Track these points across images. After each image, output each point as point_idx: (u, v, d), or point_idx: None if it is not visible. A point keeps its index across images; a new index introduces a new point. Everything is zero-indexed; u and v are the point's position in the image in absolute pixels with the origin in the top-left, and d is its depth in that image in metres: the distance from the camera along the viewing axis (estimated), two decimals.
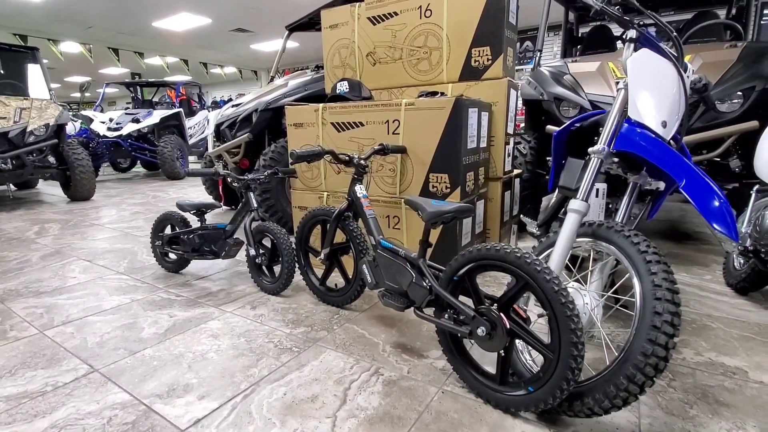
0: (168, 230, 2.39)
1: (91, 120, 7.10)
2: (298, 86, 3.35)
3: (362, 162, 1.73)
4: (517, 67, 2.55)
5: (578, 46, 4.01)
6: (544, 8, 3.17)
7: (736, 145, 2.35)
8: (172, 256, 2.38)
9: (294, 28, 3.82)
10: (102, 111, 7.81)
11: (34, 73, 5.18)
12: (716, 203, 1.04)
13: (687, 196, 1.08)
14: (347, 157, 1.73)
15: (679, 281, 2.09)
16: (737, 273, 1.93)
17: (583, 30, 4.08)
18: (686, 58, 1.47)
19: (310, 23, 3.69)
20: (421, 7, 2.40)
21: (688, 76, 1.36)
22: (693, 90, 1.46)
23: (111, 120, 7.11)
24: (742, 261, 1.95)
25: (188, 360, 1.46)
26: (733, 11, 3.61)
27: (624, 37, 1.32)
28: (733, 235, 1.00)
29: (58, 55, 9.20)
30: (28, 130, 4.53)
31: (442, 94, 2.17)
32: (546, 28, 3.16)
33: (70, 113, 7.79)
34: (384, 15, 2.53)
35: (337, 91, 2.38)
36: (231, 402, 1.23)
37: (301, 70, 3.93)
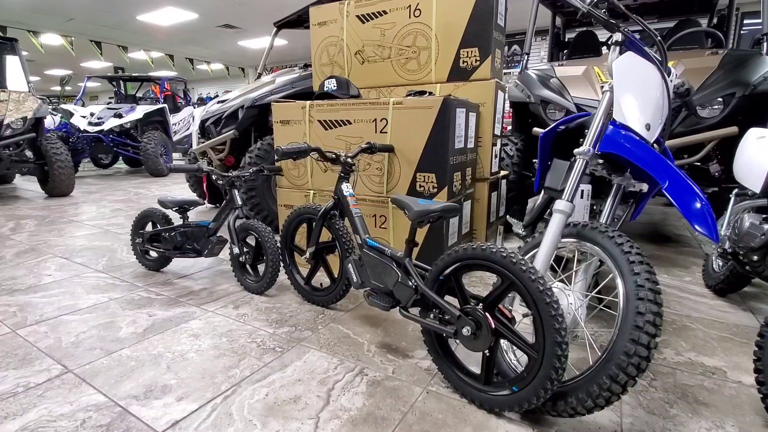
0: (149, 227, 2.33)
1: (72, 114, 6.90)
2: (286, 83, 3.31)
3: (349, 160, 1.71)
4: (504, 71, 2.57)
5: (564, 51, 4.06)
6: (532, 12, 3.21)
7: (716, 150, 2.41)
8: (153, 254, 2.33)
9: (282, 25, 3.78)
10: (83, 105, 7.62)
11: (12, 65, 5.03)
12: (698, 205, 1.05)
13: (669, 198, 1.10)
14: (334, 155, 1.71)
15: (659, 283, 2.13)
16: (716, 275, 1.97)
17: (570, 35, 4.13)
18: (669, 64, 1.50)
19: (299, 20, 3.66)
20: (410, 6, 2.40)
21: (671, 81, 1.38)
22: (676, 94, 1.49)
23: (92, 114, 6.92)
24: (720, 263, 1.99)
25: (167, 360, 1.42)
26: (715, 20, 3.70)
27: (609, 41, 1.33)
28: (714, 236, 1.01)
29: (39, 48, 8.95)
30: (5, 123, 4.38)
31: (431, 93, 2.17)
32: (533, 32, 3.19)
33: (50, 107, 7.57)
34: (373, 13, 2.51)
35: (325, 89, 2.36)
36: (211, 403, 1.20)
37: (289, 67, 3.89)
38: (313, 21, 2.76)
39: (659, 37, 1.36)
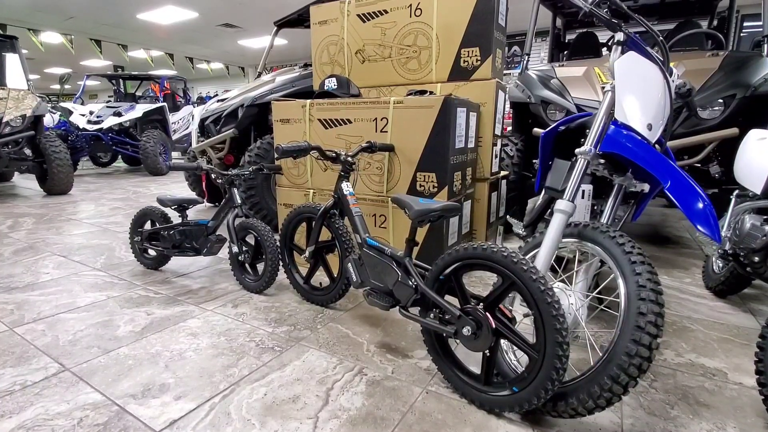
0: (148, 226, 2.32)
1: (71, 112, 6.88)
2: (286, 82, 3.31)
3: (349, 159, 1.71)
4: (504, 72, 2.56)
5: (565, 52, 4.06)
6: (533, 12, 3.20)
7: (716, 151, 2.40)
8: (152, 252, 2.32)
9: (282, 24, 3.78)
10: (82, 103, 7.60)
11: (12, 62, 5.02)
12: (700, 205, 1.05)
13: (672, 198, 1.09)
14: (334, 154, 1.71)
15: (661, 283, 2.12)
16: (716, 276, 1.97)
17: (570, 36, 4.13)
18: (671, 64, 1.50)
19: (299, 20, 3.65)
20: (411, 6, 2.39)
21: (673, 81, 1.38)
22: (677, 95, 1.48)
23: (91, 113, 6.90)
24: (720, 264, 1.99)
25: (165, 359, 1.41)
26: (715, 22, 3.70)
27: (608, 42, 1.33)
28: (716, 237, 1.01)
29: (38, 46, 8.92)
30: (4, 120, 4.37)
31: (431, 93, 2.16)
32: (534, 32, 3.19)
33: (49, 105, 7.55)
34: (374, 13, 2.51)
35: (326, 88, 2.36)
36: (209, 402, 1.19)
37: (289, 67, 3.88)
38: (314, 20, 2.75)
39: (661, 37, 1.35)
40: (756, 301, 1.93)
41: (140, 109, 7.08)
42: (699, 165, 2.45)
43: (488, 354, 1.16)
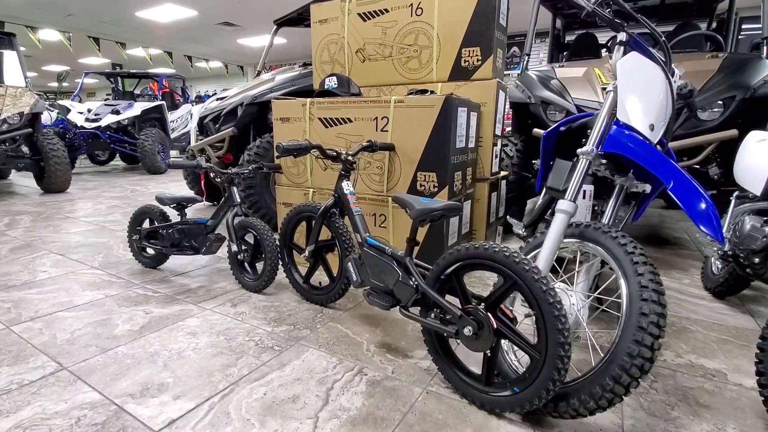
0: (146, 224, 2.31)
1: (69, 110, 6.85)
2: (286, 81, 3.30)
3: (350, 158, 1.70)
4: (504, 72, 2.56)
5: (564, 53, 4.06)
6: (533, 13, 3.20)
7: (715, 153, 2.41)
8: (150, 251, 2.30)
9: (282, 22, 3.77)
10: (80, 101, 7.57)
11: (9, 59, 5.00)
12: (703, 206, 1.05)
13: (675, 198, 1.09)
14: (335, 153, 1.70)
15: (663, 284, 2.12)
16: (715, 277, 1.97)
17: (569, 37, 4.14)
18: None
19: (299, 18, 3.64)
20: (412, 5, 2.39)
21: (675, 81, 1.38)
22: (679, 95, 1.48)
23: (89, 111, 6.88)
24: (719, 265, 1.99)
25: (164, 358, 1.40)
26: (714, 24, 3.71)
27: (608, 42, 1.32)
28: (719, 237, 1.01)
29: (36, 43, 8.88)
30: (1, 117, 4.35)
31: (432, 92, 2.16)
32: (534, 33, 3.19)
33: (47, 103, 7.52)
34: (374, 12, 2.50)
35: (326, 87, 2.35)
36: (208, 402, 1.18)
37: (289, 65, 3.87)
38: (314, 18, 2.75)
39: (663, 38, 1.35)
40: (755, 303, 1.93)
41: (138, 108, 7.05)
42: (698, 166, 2.45)
43: (489, 354, 1.15)
